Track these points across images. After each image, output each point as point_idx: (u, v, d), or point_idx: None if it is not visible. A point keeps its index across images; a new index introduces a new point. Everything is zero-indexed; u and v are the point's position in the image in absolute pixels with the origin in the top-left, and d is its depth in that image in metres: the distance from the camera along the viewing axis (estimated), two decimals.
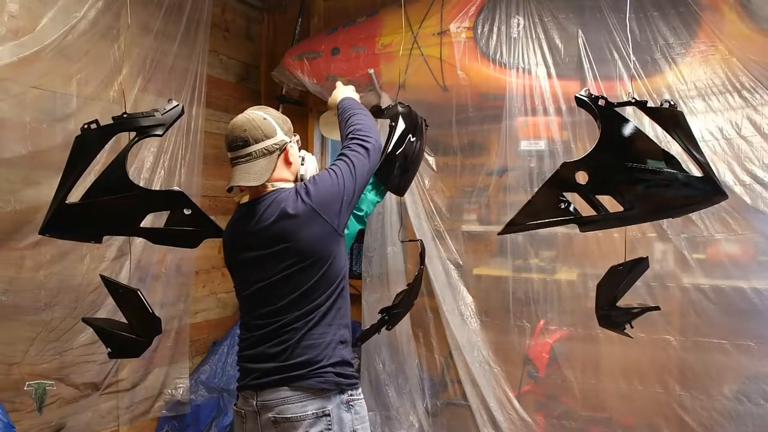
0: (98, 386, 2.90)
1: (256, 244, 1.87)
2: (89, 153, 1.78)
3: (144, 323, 1.89)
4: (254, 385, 1.86)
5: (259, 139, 1.86)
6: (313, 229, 1.84)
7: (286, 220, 1.82)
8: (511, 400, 3.07)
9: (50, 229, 1.80)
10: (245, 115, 1.91)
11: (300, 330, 1.84)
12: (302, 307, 1.85)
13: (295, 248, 1.83)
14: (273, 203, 1.86)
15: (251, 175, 1.84)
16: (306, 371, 1.82)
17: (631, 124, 1.80)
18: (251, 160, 1.85)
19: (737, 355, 2.62)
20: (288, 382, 1.82)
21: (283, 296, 1.85)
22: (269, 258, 1.85)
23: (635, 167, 1.78)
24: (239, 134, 1.85)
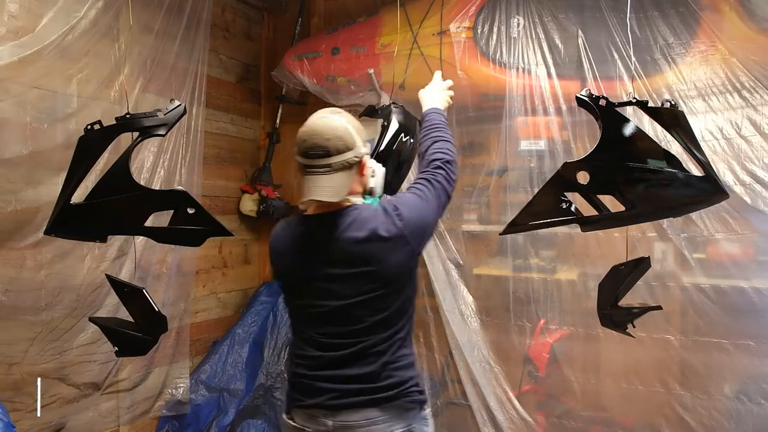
0: (99, 386, 2.89)
1: (334, 262, 1.78)
2: (93, 153, 1.78)
3: (149, 322, 1.89)
4: (332, 405, 1.79)
5: (341, 151, 1.73)
6: (400, 254, 1.77)
7: (377, 243, 1.74)
8: (512, 399, 3.07)
9: (55, 229, 1.80)
10: (326, 120, 1.77)
11: (385, 353, 1.80)
12: (386, 329, 1.81)
13: (380, 273, 1.76)
14: (357, 221, 1.78)
15: (331, 190, 1.72)
16: (395, 392, 1.79)
17: (632, 124, 1.80)
18: (330, 173, 1.73)
19: (737, 354, 2.63)
20: (377, 403, 1.78)
21: (365, 318, 1.79)
22: (349, 278, 1.77)
23: (636, 167, 1.78)
24: (320, 143, 1.72)
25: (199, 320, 3.60)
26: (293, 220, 1.93)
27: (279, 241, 1.90)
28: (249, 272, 4.04)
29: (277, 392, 3.49)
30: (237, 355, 3.56)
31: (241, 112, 3.93)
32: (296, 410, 1.87)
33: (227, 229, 1.82)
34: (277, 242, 1.91)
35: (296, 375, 1.89)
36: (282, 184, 4.00)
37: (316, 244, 1.82)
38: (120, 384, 3.02)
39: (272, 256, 1.93)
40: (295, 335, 1.93)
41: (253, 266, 4.08)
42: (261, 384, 3.55)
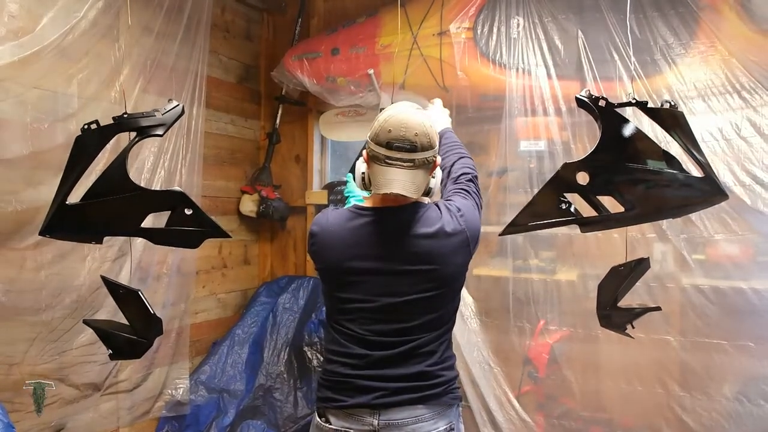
0: (99, 387, 2.89)
1: (397, 257, 1.79)
2: (89, 153, 1.77)
3: (145, 324, 1.88)
4: (379, 404, 1.79)
5: (426, 148, 1.74)
6: (459, 256, 1.82)
7: (443, 241, 1.78)
8: (511, 400, 3.07)
9: (51, 229, 1.80)
10: (415, 115, 1.76)
11: (435, 353, 1.83)
12: (435, 329, 1.83)
13: (441, 272, 1.80)
14: (425, 218, 1.80)
15: (413, 186, 1.73)
16: (442, 390, 1.83)
17: (631, 124, 1.80)
18: (413, 168, 1.73)
19: (737, 355, 2.62)
20: (425, 401, 1.80)
21: (417, 317, 1.80)
22: (410, 275, 1.78)
23: (636, 168, 1.78)
24: (409, 137, 1.72)
25: (199, 321, 3.60)
26: (344, 212, 1.90)
27: (328, 232, 1.86)
28: (249, 273, 4.04)
29: (276, 393, 3.49)
30: (237, 355, 3.56)
31: (241, 113, 3.93)
32: (334, 411, 1.84)
33: (225, 230, 1.81)
34: (327, 233, 1.86)
35: (336, 374, 1.86)
36: (282, 184, 4.01)
37: (379, 237, 1.81)
38: (120, 385, 3.02)
39: (317, 246, 1.88)
40: (337, 332, 1.89)
41: (252, 267, 4.08)
42: (261, 384, 3.55)
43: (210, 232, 1.80)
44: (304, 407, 3.41)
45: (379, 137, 1.75)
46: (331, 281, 1.89)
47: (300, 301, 3.74)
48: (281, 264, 4.11)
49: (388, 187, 1.71)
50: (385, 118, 1.76)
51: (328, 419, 1.85)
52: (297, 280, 3.84)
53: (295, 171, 4.06)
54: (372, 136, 1.78)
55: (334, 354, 1.88)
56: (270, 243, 4.15)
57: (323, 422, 1.85)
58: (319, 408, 1.90)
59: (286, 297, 3.76)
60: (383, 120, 1.76)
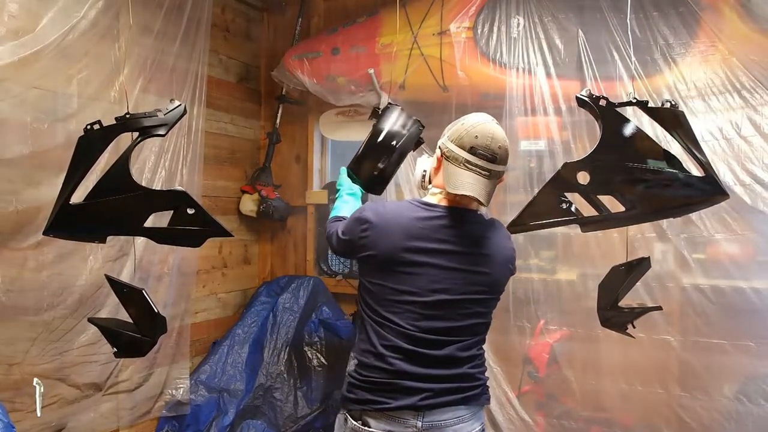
0: (100, 387, 2.89)
1: (457, 254, 1.85)
2: (92, 154, 1.77)
3: (149, 322, 1.88)
4: (424, 406, 1.79)
5: (503, 162, 1.86)
6: (507, 269, 1.98)
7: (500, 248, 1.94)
8: (511, 400, 3.07)
9: (54, 229, 1.80)
10: (500, 129, 1.89)
11: (477, 356, 1.92)
12: (480, 333, 1.94)
13: (492, 278, 1.91)
14: (486, 224, 1.95)
15: (487, 194, 1.83)
16: (480, 391, 1.91)
17: (632, 124, 1.80)
18: (490, 178, 1.83)
19: (737, 355, 2.63)
20: (466, 401, 1.87)
21: (467, 317, 1.87)
22: (465, 273, 1.86)
23: (636, 167, 1.78)
24: (495, 148, 1.83)
25: (199, 320, 3.60)
26: (405, 203, 1.95)
27: (387, 219, 1.87)
28: (249, 272, 4.05)
29: (276, 392, 3.49)
30: (237, 355, 3.56)
31: (241, 112, 3.93)
32: (374, 413, 1.82)
33: (227, 229, 1.81)
34: (385, 220, 1.87)
35: (380, 372, 1.83)
36: (282, 184, 4.01)
37: (445, 233, 1.86)
38: (121, 385, 3.02)
39: (373, 232, 1.87)
40: (380, 326, 1.86)
41: (253, 266, 4.08)
42: (261, 384, 3.55)
43: (212, 231, 1.80)
44: (304, 407, 3.41)
45: (463, 141, 1.83)
46: (382, 271, 1.87)
47: (300, 300, 3.73)
48: (281, 264, 4.11)
49: (466, 189, 1.78)
50: (472, 123, 1.86)
51: (366, 422, 1.82)
52: (297, 279, 3.84)
53: (296, 171, 4.06)
54: (454, 138, 1.86)
55: (377, 349, 1.84)
56: (270, 243, 4.15)
57: (360, 425, 1.83)
58: (354, 411, 1.86)
59: (286, 297, 3.75)
60: (470, 125, 1.85)
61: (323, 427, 3.34)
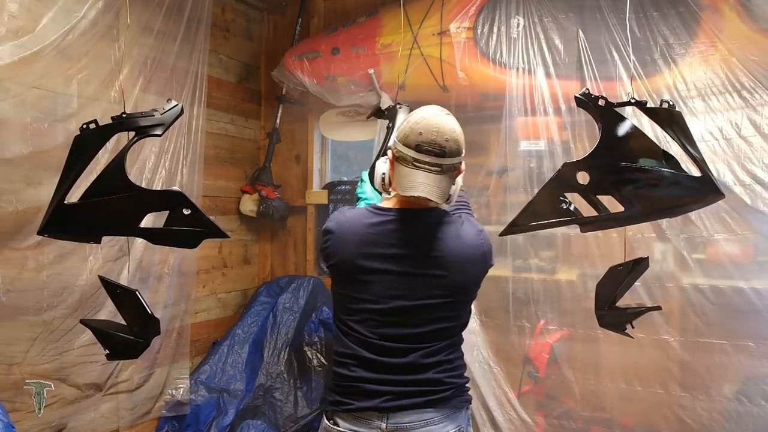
0: (101, 387, 2.89)
1: (414, 259, 1.78)
2: (88, 153, 1.77)
3: (142, 324, 1.87)
4: (387, 408, 1.77)
5: (454, 154, 1.73)
6: (475, 268, 1.85)
7: (462, 249, 1.80)
8: (511, 400, 3.07)
9: (49, 229, 1.79)
10: (447, 120, 1.75)
11: (445, 361, 1.82)
12: (447, 338, 1.83)
13: (451, 280, 1.79)
14: (445, 224, 1.82)
15: (439, 191, 1.72)
16: (450, 394, 1.82)
17: (631, 124, 1.80)
18: (440, 173, 1.72)
19: (737, 355, 2.62)
20: (434, 404, 1.79)
21: (428, 323, 1.79)
22: (421, 278, 1.77)
23: (635, 167, 1.78)
24: (442, 141, 1.71)
25: (199, 320, 3.61)
26: (362, 210, 1.88)
27: (345, 229, 1.84)
28: (249, 272, 4.05)
29: (276, 392, 3.49)
30: (237, 355, 3.56)
31: (241, 112, 3.94)
32: (342, 414, 1.83)
33: (223, 230, 1.80)
34: (343, 229, 1.84)
35: (344, 378, 1.84)
36: (282, 184, 4.01)
37: (397, 238, 1.79)
38: (121, 385, 3.02)
39: (332, 243, 1.85)
40: (344, 334, 1.86)
41: (252, 266, 4.08)
42: (261, 384, 3.55)
43: (208, 232, 1.80)
44: (304, 407, 3.41)
45: (409, 139, 1.73)
46: (342, 279, 1.86)
47: (300, 300, 3.73)
48: (281, 264, 4.11)
49: (415, 190, 1.69)
50: (416, 120, 1.75)
51: (336, 422, 1.84)
52: (297, 279, 3.84)
53: (295, 171, 4.06)
54: (401, 137, 1.76)
55: (341, 356, 1.86)
56: (270, 243, 4.15)
57: (331, 425, 1.84)
58: (328, 411, 1.88)
59: (286, 297, 3.75)
60: (414, 122, 1.75)
61: None
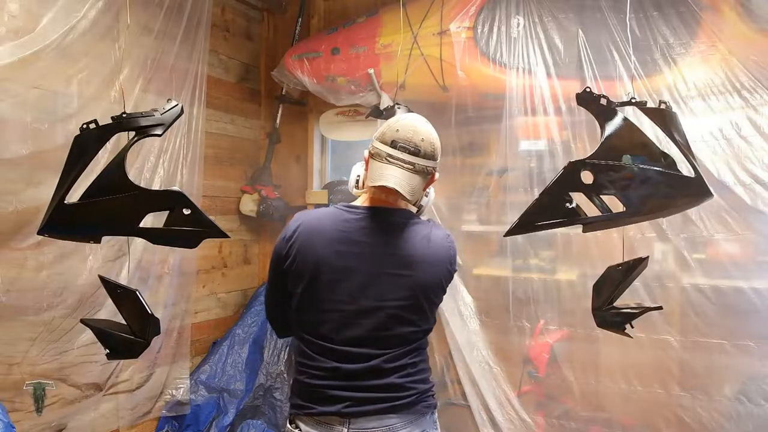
0: (101, 387, 2.90)
1: (375, 258, 1.77)
2: (88, 153, 1.76)
3: (142, 324, 1.87)
4: (349, 413, 1.76)
5: (428, 156, 1.78)
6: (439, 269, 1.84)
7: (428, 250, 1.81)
8: (511, 400, 3.07)
9: (48, 229, 1.79)
10: (424, 123, 1.82)
11: (407, 366, 1.81)
12: (409, 343, 1.81)
13: (416, 280, 1.78)
14: (413, 225, 1.83)
15: (410, 188, 1.73)
16: (414, 399, 1.81)
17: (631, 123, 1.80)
18: (413, 172, 1.75)
19: (737, 355, 2.61)
20: (396, 410, 1.78)
21: (392, 326, 1.77)
22: (386, 277, 1.77)
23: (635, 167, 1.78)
24: (415, 140, 1.75)
25: (199, 320, 3.61)
26: (331, 209, 1.87)
27: (310, 227, 1.81)
28: (249, 272, 4.05)
29: (276, 392, 3.49)
30: (237, 355, 3.56)
31: (241, 112, 3.94)
32: (303, 418, 1.82)
33: (223, 230, 1.80)
34: (308, 227, 1.81)
35: (305, 384, 1.83)
36: (282, 184, 4.00)
37: (365, 236, 1.79)
38: (121, 385, 3.03)
39: (296, 240, 1.81)
40: (305, 343, 1.84)
41: (252, 266, 4.08)
42: (261, 384, 3.55)
43: (208, 232, 1.80)
44: None
45: (385, 136, 1.77)
46: (306, 279, 1.80)
47: None
48: None
49: (385, 181, 1.71)
50: (395, 119, 1.81)
51: (297, 425, 1.83)
52: None
53: (295, 171, 4.05)
54: (378, 135, 1.80)
55: (302, 366, 1.84)
56: (270, 243, 4.14)
57: (293, 428, 1.84)
58: (290, 414, 1.88)
59: None
60: (393, 121, 1.80)
61: None
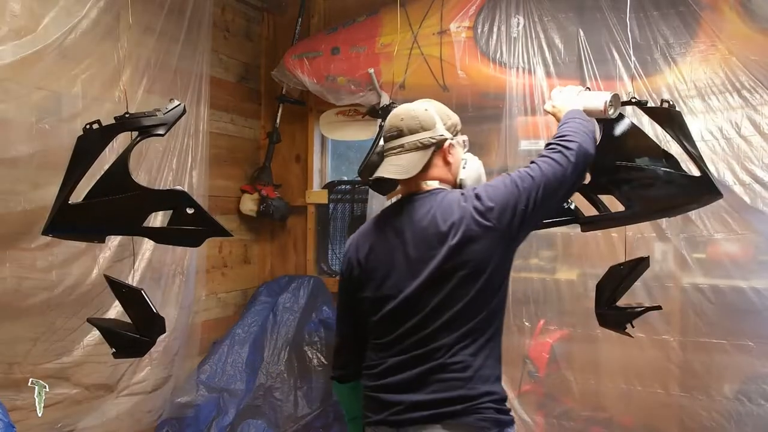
0: (112, 388, 2.89)
1: (405, 245, 1.66)
2: (91, 153, 1.77)
3: (147, 323, 1.88)
4: (395, 421, 1.61)
5: (414, 131, 1.69)
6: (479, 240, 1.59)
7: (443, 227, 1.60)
8: (511, 399, 3.06)
9: (53, 229, 1.80)
10: (406, 105, 1.76)
11: (454, 357, 1.58)
12: (457, 328, 1.59)
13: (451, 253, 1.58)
14: (433, 205, 1.66)
15: (397, 168, 1.68)
16: (462, 408, 1.56)
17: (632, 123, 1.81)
18: (402, 153, 1.70)
19: (737, 355, 2.62)
20: (442, 419, 1.56)
21: (432, 315, 1.60)
22: (419, 262, 1.62)
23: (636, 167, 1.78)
24: (395, 123, 1.72)
25: (199, 320, 3.60)
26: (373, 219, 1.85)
27: (360, 232, 1.83)
28: (249, 272, 4.04)
29: (277, 392, 3.49)
30: (237, 355, 3.56)
31: (241, 112, 3.93)
32: (367, 428, 1.73)
33: (226, 229, 1.81)
34: (359, 233, 1.83)
35: (364, 387, 1.75)
36: (282, 183, 4.01)
37: (391, 227, 1.73)
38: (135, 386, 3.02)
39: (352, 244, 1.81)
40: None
41: (253, 266, 4.08)
42: (261, 384, 3.55)
43: (212, 230, 1.81)
44: (305, 407, 3.41)
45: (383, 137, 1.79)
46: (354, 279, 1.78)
47: (300, 300, 3.74)
48: (281, 263, 4.11)
49: (379, 173, 1.72)
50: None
51: None
52: (297, 279, 3.84)
53: (296, 170, 4.06)
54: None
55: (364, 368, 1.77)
56: (270, 242, 4.15)
57: None
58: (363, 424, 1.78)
59: (286, 296, 3.76)
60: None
61: (323, 427, 3.34)
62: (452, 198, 1.66)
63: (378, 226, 1.78)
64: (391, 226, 1.73)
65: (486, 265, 1.60)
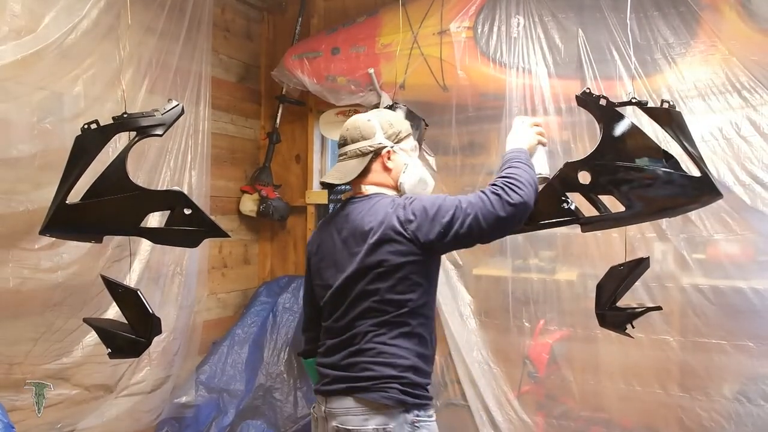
0: (111, 389, 2.89)
1: (343, 240, 1.88)
2: (89, 153, 1.77)
3: (143, 324, 1.88)
4: (323, 391, 1.89)
5: (355, 140, 1.91)
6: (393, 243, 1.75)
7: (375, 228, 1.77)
8: (511, 400, 3.07)
9: (50, 229, 1.80)
10: (356, 115, 1.98)
11: (368, 344, 1.80)
12: (371, 318, 1.80)
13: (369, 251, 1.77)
14: (366, 207, 1.85)
15: (335, 173, 1.92)
16: (370, 384, 1.78)
17: (632, 124, 1.80)
18: (345, 160, 1.92)
19: (737, 355, 2.62)
20: (352, 392, 1.80)
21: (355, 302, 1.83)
22: (348, 257, 1.84)
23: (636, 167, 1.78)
24: (342, 132, 1.95)
25: (199, 320, 3.60)
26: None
27: (321, 224, 2.07)
28: (249, 272, 4.04)
29: (276, 392, 3.49)
30: (237, 355, 3.56)
31: (241, 112, 3.94)
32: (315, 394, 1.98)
33: (224, 230, 1.81)
34: (320, 224, 2.08)
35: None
36: (282, 184, 4.01)
37: (334, 224, 1.94)
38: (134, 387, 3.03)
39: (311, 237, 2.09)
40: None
41: (252, 266, 4.08)
42: (261, 384, 3.55)
43: (209, 231, 1.80)
44: (304, 407, 3.41)
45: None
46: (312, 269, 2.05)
47: (300, 300, 3.72)
48: (281, 264, 4.11)
49: (321, 179, 1.94)
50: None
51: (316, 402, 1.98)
52: (297, 279, 3.84)
53: (295, 171, 4.06)
54: None
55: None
56: (270, 243, 4.15)
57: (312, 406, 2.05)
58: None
59: (286, 297, 3.76)
60: None
61: None
62: (383, 203, 1.83)
63: (327, 223, 2.01)
64: (334, 224, 1.94)
65: (401, 266, 1.77)
